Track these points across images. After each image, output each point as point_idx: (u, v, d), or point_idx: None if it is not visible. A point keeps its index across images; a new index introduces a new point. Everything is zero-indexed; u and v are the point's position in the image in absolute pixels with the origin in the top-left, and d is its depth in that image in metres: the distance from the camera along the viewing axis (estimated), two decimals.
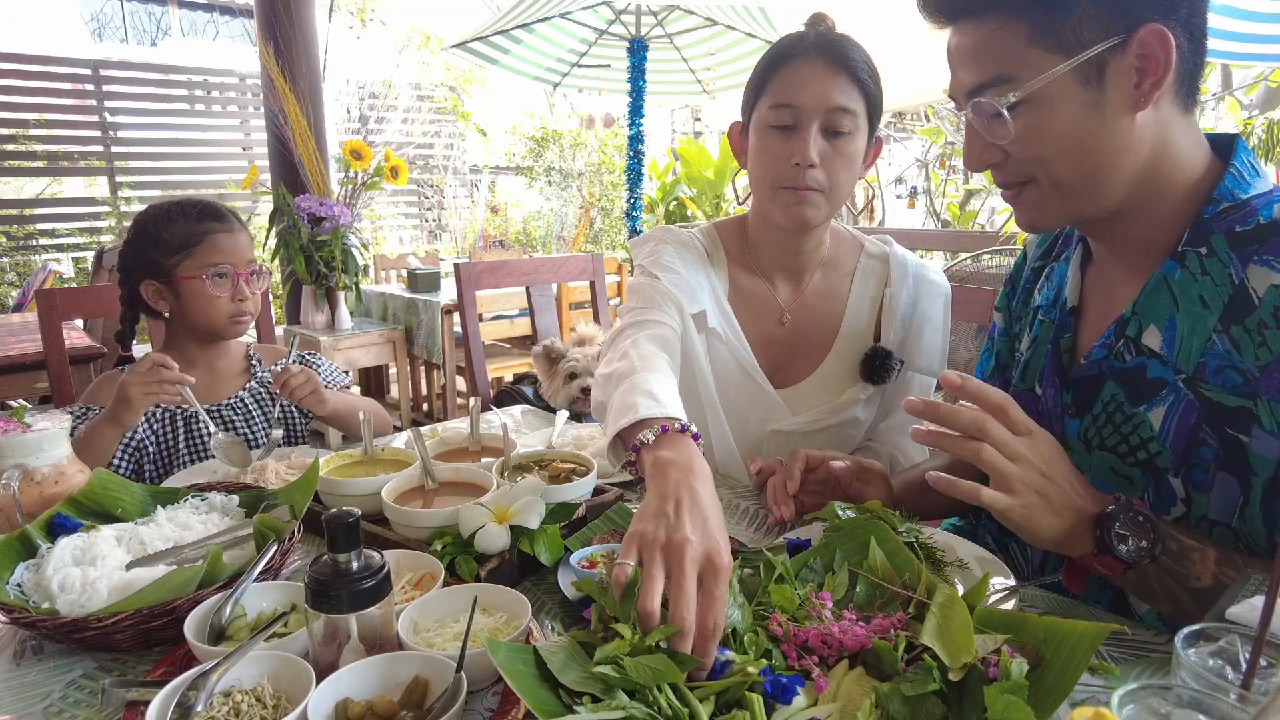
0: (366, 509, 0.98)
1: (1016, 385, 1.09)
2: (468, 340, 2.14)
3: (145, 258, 1.50)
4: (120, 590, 0.85)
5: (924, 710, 0.65)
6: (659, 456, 0.84)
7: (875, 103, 1.24)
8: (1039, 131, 0.85)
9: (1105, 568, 0.80)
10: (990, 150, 0.89)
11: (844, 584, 0.82)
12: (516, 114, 9.23)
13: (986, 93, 0.85)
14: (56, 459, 1.08)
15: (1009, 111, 0.84)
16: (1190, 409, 0.85)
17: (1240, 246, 0.83)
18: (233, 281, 1.51)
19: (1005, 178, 0.92)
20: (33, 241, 5.74)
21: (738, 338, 1.33)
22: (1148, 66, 0.81)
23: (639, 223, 5.42)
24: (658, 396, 0.95)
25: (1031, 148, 0.86)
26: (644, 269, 1.35)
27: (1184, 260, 0.86)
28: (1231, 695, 0.56)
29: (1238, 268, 0.83)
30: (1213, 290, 0.84)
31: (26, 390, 2.65)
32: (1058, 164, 0.86)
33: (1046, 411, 1.02)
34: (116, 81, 5.96)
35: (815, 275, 1.38)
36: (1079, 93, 0.82)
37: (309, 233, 3.54)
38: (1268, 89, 5.75)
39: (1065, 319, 1.02)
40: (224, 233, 1.51)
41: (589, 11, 4.92)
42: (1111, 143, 0.84)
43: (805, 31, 1.25)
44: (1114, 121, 0.83)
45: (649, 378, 1.01)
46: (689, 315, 1.30)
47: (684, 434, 0.88)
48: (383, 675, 0.71)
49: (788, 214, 1.25)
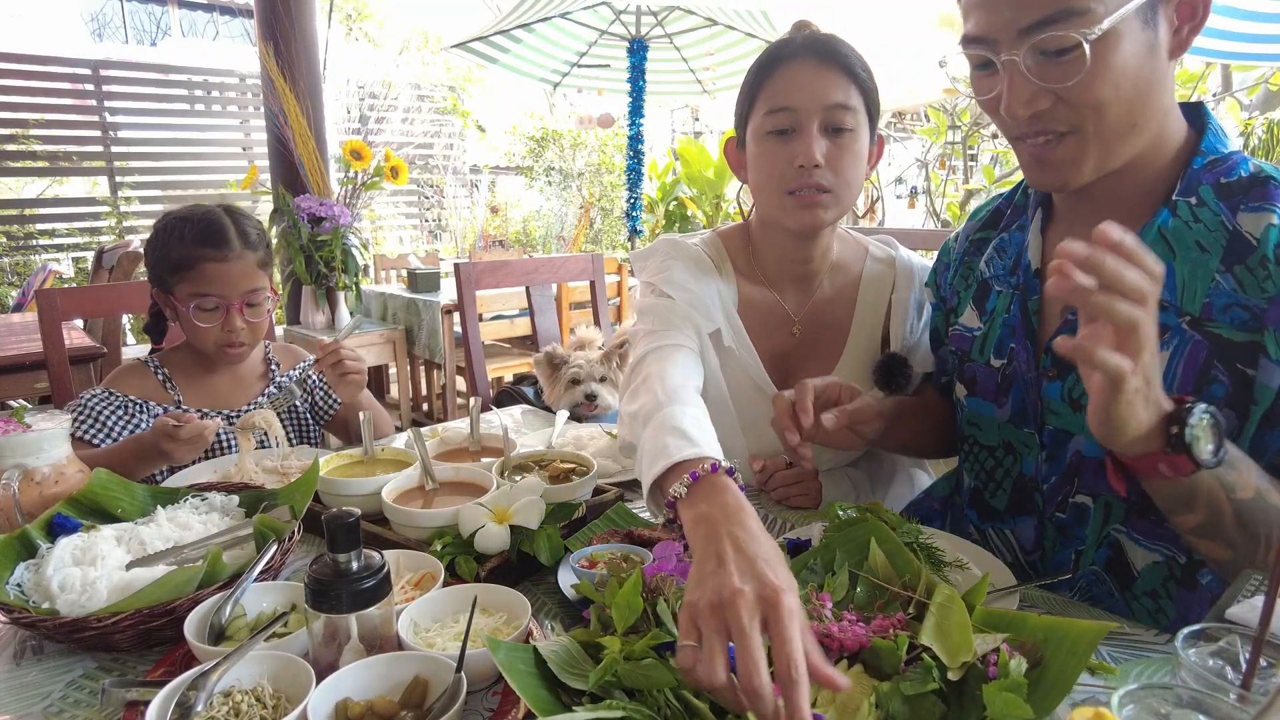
0: (366, 509, 0.98)
1: (976, 359, 1.09)
2: (468, 340, 2.14)
3: (151, 266, 1.47)
4: (120, 590, 0.85)
5: (924, 709, 0.65)
6: (697, 513, 0.77)
7: (873, 98, 1.21)
8: (1104, 72, 0.81)
9: (1171, 467, 0.76)
10: (1041, 95, 0.84)
11: (844, 584, 0.82)
12: (516, 114, 9.24)
13: (1051, 28, 0.80)
14: (56, 459, 1.08)
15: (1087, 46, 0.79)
16: (1198, 348, 0.87)
17: (1227, 197, 0.88)
18: (223, 311, 1.43)
19: (1048, 125, 0.87)
20: (33, 241, 5.74)
21: (749, 352, 1.30)
22: (1184, 13, 0.82)
23: (639, 223, 5.42)
24: (688, 433, 0.89)
25: (1094, 90, 0.82)
26: (654, 287, 1.29)
27: (1175, 209, 0.89)
28: (1231, 695, 0.56)
29: (1228, 216, 0.87)
30: (1208, 236, 0.87)
31: (26, 390, 2.65)
32: (1113, 108, 0.83)
33: (1019, 377, 1.02)
34: (116, 81, 5.95)
35: (824, 282, 1.34)
36: (1140, 33, 0.81)
37: (309, 233, 3.54)
38: (1268, 90, 5.75)
39: (1031, 281, 1.02)
40: (216, 262, 1.42)
41: (589, 11, 4.92)
42: (1156, 88, 0.85)
43: (792, 35, 1.22)
44: (1160, 65, 0.83)
45: (677, 412, 0.95)
46: (705, 335, 1.26)
47: (716, 474, 0.80)
48: (383, 675, 0.71)
49: (797, 219, 1.20)
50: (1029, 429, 1.03)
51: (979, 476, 1.12)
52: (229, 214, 1.49)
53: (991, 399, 1.07)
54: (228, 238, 1.43)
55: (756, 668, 0.59)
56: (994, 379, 1.06)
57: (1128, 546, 0.98)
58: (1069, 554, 1.02)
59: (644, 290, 1.33)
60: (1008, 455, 1.07)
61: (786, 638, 0.60)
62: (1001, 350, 1.05)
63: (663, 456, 0.85)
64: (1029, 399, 1.02)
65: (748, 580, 0.64)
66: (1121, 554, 0.99)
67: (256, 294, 1.47)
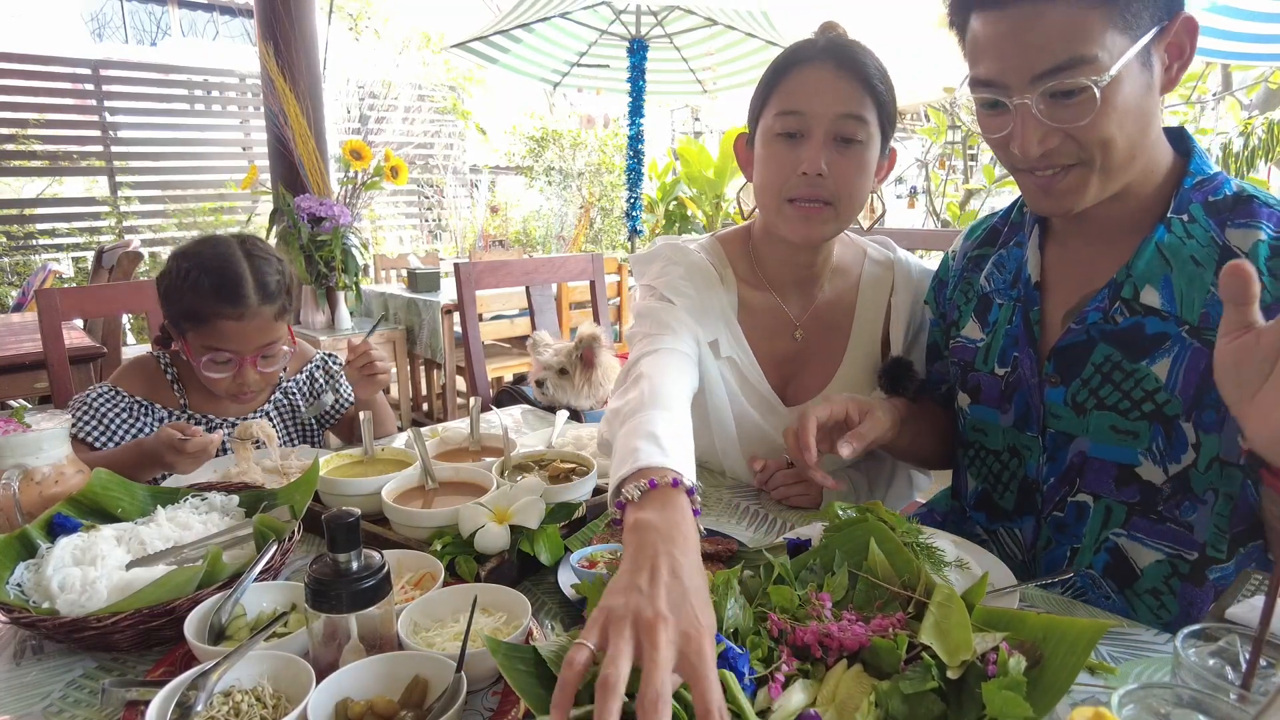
0: (366, 509, 0.98)
1: (980, 368, 1.12)
2: (468, 340, 2.14)
3: (163, 301, 1.40)
4: (120, 590, 0.85)
5: (923, 708, 0.65)
6: (639, 519, 0.74)
7: (888, 111, 1.18)
8: (1112, 111, 0.86)
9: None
10: (1052, 134, 0.89)
11: (844, 584, 0.82)
12: (516, 114, 9.23)
13: (1062, 75, 0.85)
14: (56, 459, 1.08)
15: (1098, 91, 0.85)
16: (1199, 355, 0.92)
17: (1215, 214, 0.94)
18: (236, 365, 1.39)
19: (1056, 160, 0.91)
20: (33, 241, 5.74)
21: (749, 359, 1.29)
22: (1174, 51, 0.88)
23: (639, 222, 5.42)
24: (661, 441, 0.86)
25: (1101, 128, 0.87)
26: (653, 291, 1.29)
27: (1170, 226, 0.95)
28: (1231, 695, 0.56)
29: (1217, 231, 0.93)
30: (1201, 251, 0.93)
31: (26, 390, 2.65)
32: (1118, 143, 0.88)
33: (1022, 384, 1.06)
34: (116, 81, 5.95)
35: (825, 286, 1.33)
36: (1140, 75, 0.87)
37: (309, 232, 3.54)
38: (1268, 90, 5.75)
39: (1032, 294, 1.06)
40: (232, 319, 1.35)
41: (589, 11, 4.92)
42: (1151, 122, 0.91)
43: (815, 37, 1.20)
44: (1155, 101, 0.89)
45: (655, 417, 0.93)
46: (704, 343, 1.25)
47: (676, 488, 0.78)
48: (383, 675, 0.71)
49: (795, 231, 1.20)
50: (1032, 432, 1.06)
51: (987, 480, 1.15)
52: (249, 258, 1.40)
53: (995, 405, 1.10)
54: (245, 294, 1.36)
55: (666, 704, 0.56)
56: (998, 386, 1.10)
57: (1129, 548, 1.01)
58: (1064, 551, 1.05)
59: (644, 293, 1.32)
60: (1013, 459, 1.10)
61: (709, 682, 0.58)
62: (1005, 359, 1.09)
63: (630, 460, 0.84)
64: (1032, 404, 1.05)
65: (676, 611, 0.62)
66: (1122, 557, 1.01)
67: (272, 347, 1.42)
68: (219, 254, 1.38)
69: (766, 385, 1.30)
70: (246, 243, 1.44)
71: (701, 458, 1.40)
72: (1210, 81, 5.74)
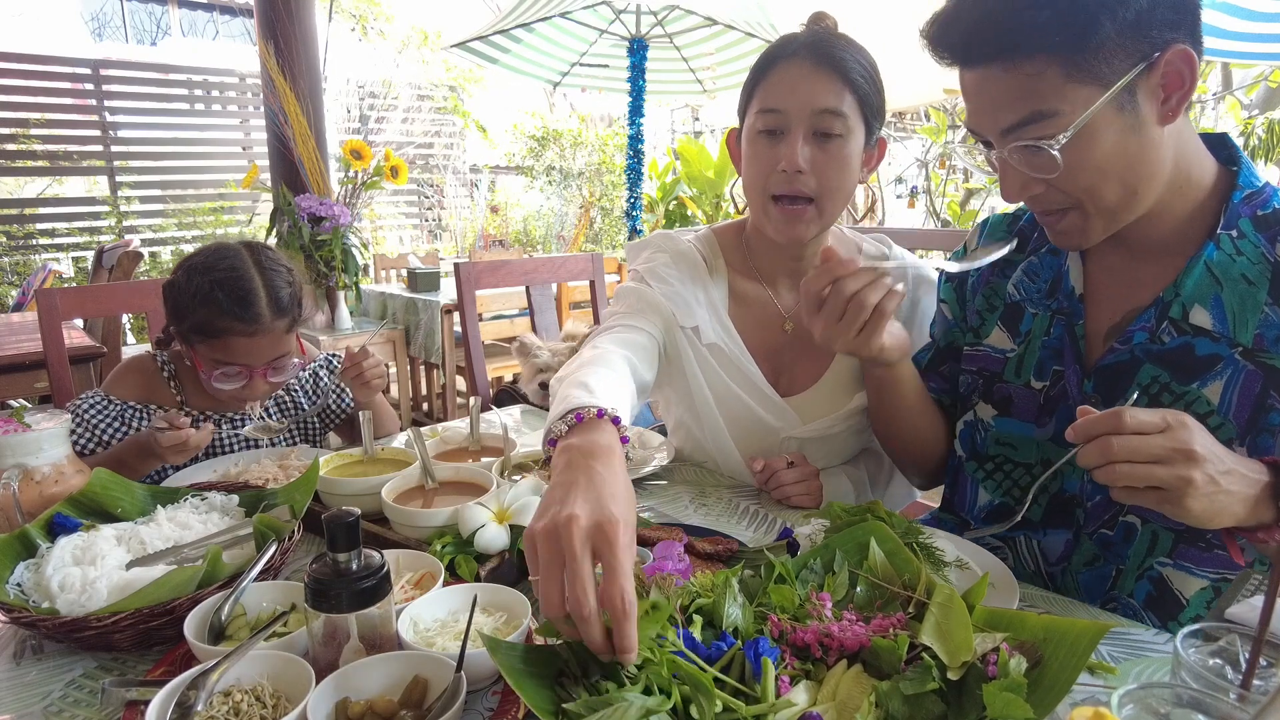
0: (366, 509, 0.98)
1: (1010, 380, 1.08)
2: (467, 340, 2.14)
3: (171, 310, 1.38)
4: (120, 590, 0.85)
5: (923, 709, 0.65)
6: (566, 445, 0.78)
7: (871, 103, 1.18)
8: (1085, 162, 0.85)
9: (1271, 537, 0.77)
10: (1032, 183, 0.89)
11: (844, 584, 0.82)
12: (516, 113, 9.23)
13: (1025, 130, 0.85)
14: (56, 459, 1.08)
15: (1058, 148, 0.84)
16: (1252, 379, 0.89)
17: (1265, 229, 0.90)
18: (246, 376, 1.38)
19: (1047, 206, 0.91)
20: (33, 241, 5.74)
21: (739, 349, 1.30)
22: (1172, 83, 0.83)
23: (639, 222, 5.41)
24: (591, 387, 0.90)
25: (1078, 178, 0.87)
26: (638, 274, 1.34)
27: (1219, 243, 0.91)
28: (1231, 695, 0.56)
29: (1267, 247, 0.90)
30: (1252, 269, 0.90)
31: (26, 390, 2.65)
32: (1104, 189, 0.87)
33: (1066, 398, 1.01)
34: (116, 81, 5.95)
35: None
36: (1116, 119, 0.84)
37: (309, 232, 3.54)
38: (1268, 89, 5.75)
39: (1076, 306, 1.02)
40: (244, 335, 1.34)
41: (589, 11, 4.91)
42: (1149, 157, 0.87)
43: (799, 32, 1.21)
44: (1149, 138, 0.85)
45: (592, 371, 0.97)
46: (682, 328, 1.28)
47: (601, 419, 0.81)
48: (382, 675, 0.71)
49: (780, 232, 1.22)
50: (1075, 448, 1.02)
51: (1011, 493, 1.10)
52: (260, 271, 1.37)
53: (1032, 419, 1.06)
54: (259, 311, 1.34)
55: (584, 589, 0.60)
56: (1035, 400, 1.05)
57: (1174, 577, 0.96)
58: (1109, 570, 1.00)
59: (630, 277, 1.37)
60: (1044, 471, 1.04)
61: (616, 569, 0.61)
62: (1043, 372, 1.05)
63: (561, 405, 0.87)
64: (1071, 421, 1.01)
65: (584, 507, 0.65)
66: (1165, 587, 0.97)
67: (282, 359, 1.41)
68: (232, 268, 1.36)
69: (759, 374, 1.31)
70: (257, 253, 1.42)
71: (693, 454, 1.41)
72: (1210, 81, 5.74)
